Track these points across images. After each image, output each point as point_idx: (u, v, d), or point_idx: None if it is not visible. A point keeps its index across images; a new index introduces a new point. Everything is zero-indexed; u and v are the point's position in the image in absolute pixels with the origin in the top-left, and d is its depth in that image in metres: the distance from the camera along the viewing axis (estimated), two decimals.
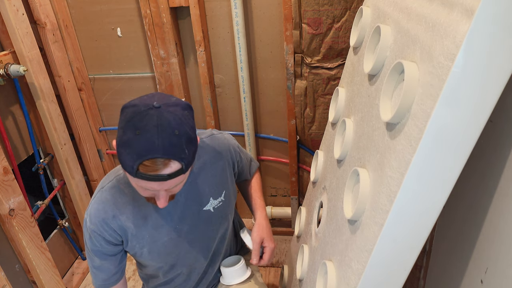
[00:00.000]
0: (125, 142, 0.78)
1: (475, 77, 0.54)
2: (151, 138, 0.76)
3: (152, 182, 0.80)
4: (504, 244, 0.72)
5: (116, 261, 1.05)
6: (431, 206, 0.64)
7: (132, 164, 0.77)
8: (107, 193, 0.99)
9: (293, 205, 1.97)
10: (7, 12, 1.48)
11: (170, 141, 0.77)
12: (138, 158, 0.76)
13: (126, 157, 0.78)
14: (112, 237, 1.00)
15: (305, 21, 1.51)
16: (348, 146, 0.95)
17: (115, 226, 0.98)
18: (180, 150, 0.79)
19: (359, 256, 0.73)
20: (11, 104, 1.66)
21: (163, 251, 1.05)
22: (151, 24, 1.67)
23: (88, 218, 0.99)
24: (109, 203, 0.98)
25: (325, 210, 1.05)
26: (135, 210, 0.99)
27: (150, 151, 0.76)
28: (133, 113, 0.79)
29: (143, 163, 0.77)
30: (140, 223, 1.00)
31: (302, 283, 1.15)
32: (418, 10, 0.71)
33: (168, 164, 0.78)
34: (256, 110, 1.85)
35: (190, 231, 1.06)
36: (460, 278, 0.90)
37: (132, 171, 0.78)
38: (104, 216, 0.97)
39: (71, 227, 2.09)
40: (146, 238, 1.02)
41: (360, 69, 1.01)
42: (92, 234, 0.99)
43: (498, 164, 0.75)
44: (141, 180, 0.80)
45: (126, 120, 0.79)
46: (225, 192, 1.11)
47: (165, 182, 0.81)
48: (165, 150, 0.77)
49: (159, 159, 0.77)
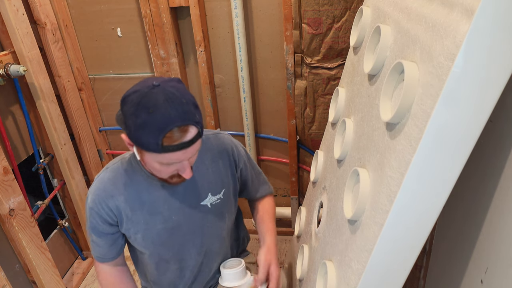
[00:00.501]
0: (141, 124, 0.82)
1: (475, 77, 0.54)
2: (166, 111, 0.81)
3: (178, 152, 0.85)
4: (504, 244, 0.72)
5: (110, 240, 1.06)
6: (431, 206, 0.64)
7: (156, 141, 0.82)
8: (109, 173, 1.03)
9: (293, 205, 1.97)
10: (7, 12, 1.48)
11: (182, 109, 0.83)
12: (160, 133, 0.81)
13: (148, 137, 0.82)
14: (108, 216, 1.02)
15: (305, 21, 1.51)
16: (348, 146, 0.95)
17: (112, 206, 1.01)
18: (193, 115, 0.85)
19: (359, 256, 0.73)
20: (11, 104, 1.66)
21: (157, 240, 1.07)
22: (151, 24, 1.67)
23: (90, 196, 1.03)
24: (110, 183, 1.02)
25: (325, 210, 1.05)
26: (134, 194, 1.02)
27: (169, 123, 0.81)
28: (139, 97, 0.83)
29: (166, 135, 0.82)
30: (136, 207, 1.02)
31: (302, 283, 1.15)
32: (418, 10, 0.71)
33: (188, 130, 0.84)
34: (256, 110, 1.85)
35: (185, 223, 1.07)
36: (460, 278, 0.90)
37: (157, 148, 0.82)
38: (103, 195, 1.01)
39: (71, 227, 2.09)
40: (141, 223, 1.04)
41: (360, 69, 1.01)
42: (90, 211, 1.02)
43: (498, 164, 0.75)
44: (167, 155, 0.84)
45: (135, 105, 0.83)
46: (225, 190, 1.11)
47: (188, 149, 0.86)
48: (182, 118, 0.82)
49: (179, 128, 0.83)
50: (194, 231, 1.09)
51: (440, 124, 0.57)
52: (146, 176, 1.02)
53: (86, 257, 2.16)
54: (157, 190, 1.03)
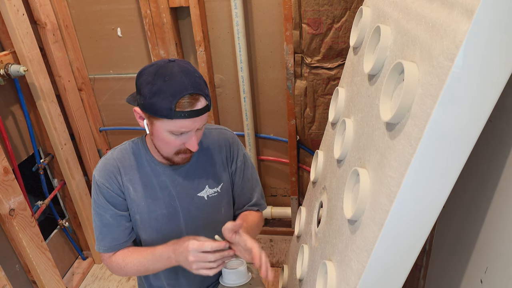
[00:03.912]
0: (157, 91, 0.89)
1: (475, 77, 0.54)
2: (180, 79, 0.89)
3: (187, 120, 0.91)
4: (504, 244, 0.72)
5: (122, 220, 1.06)
6: (431, 206, 0.64)
7: (169, 106, 0.88)
8: (116, 153, 1.07)
9: (293, 205, 1.97)
10: (7, 12, 1.48)
11: (195, 80, 0.91)
12: (174, 98, 0.88)
13: (162, 102, 0.88)
14: (118, 190, 1.05)
15: (305, 21, 1.51)
16: (348, 146, 0.96)
17: (120, 181, 1.05)
18: (204, 87, 0.93)
19: (359, 256, 0.73)
20: (12, 104, 1.67)
21: (154, 225, 1.08)
22: (151, 24, 1.67)
23: (97, 173, 1.05)
24: (117, 161, 1.06)
25: (325, 210, 1.05)
26: (137, 176, 1.06)
27: (182, 90, 0.88)
28: (156, 68, 0.91)
29: (179, 101, 0.88)
30: (138, 189, 1.06)
31: (302, 283, 1.15)
32: (418, 10, 0.71)
33: (199, 99, 0.91)
34: (256, 110, 1.85)
35: (181, 212, 1.09)
36: (460, 278, 0.90)
37: (170, 113, 0.89)
38: (112, 169, 1.05)
39: (71, 227, 2.09)
40: (142, 206, 1.07)
41: (360, 69, 1.01)
42: (101, 186, 1.04)
43: (498, 164, 0.75)
44: (178, 121, 0.90)
45: (151, 75, 0.90)
46: (223, 185, 1.13)
47: (197, 119, 0.92)
48: (194, 87, 0.90)
49: (191, 96, 0.89)
50: (189, 221, 1.11)
51: (440, 124, 0.57)
52: (151, 161, 1.06)
53: (86, 257, 2.16)
54: (158, 176, 1.06)
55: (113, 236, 1.06)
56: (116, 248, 1.07)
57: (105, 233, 1.06)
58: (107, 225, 1.05)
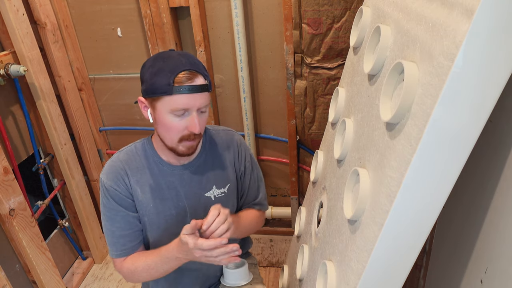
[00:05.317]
0: (156, 71, 0.92)
1: (475, 77, 0.54)
2: (178, 59, 0.93)
3: (187, 96, 0.92)
4: (504, 244, 0.72)
5: (134, 222, 1.06)
6: (431, 206, 0.64)
7: (167, 81, 0.90)
8: (122, 155, 1.07)
9: (293, 205, 1.97)
10: (7, 12, 1.48)
11: (193, 60, 0.95)
12: (171, 74, 0.91)
13: (161, 79, 0.91)
14: (127, 191, 1.04)
15: (305, 21, 1.51)
16: (348, 146, 0.96)
17: (127, 183, 1.05)
18: (203, 68, 0.95)
19: (359, 256, 0.73)
20: (11, 104, 1.67)
21: (163, 225, 1.08)
22: (151, 24, 1.67)
23: (104, 176, 1.04)
24: (123, 163, 1.05)
25: (325, 210, 1.05)
26: (145, 178, 1.05)
27: (179, 66, 0.92)
28: (157, 54, 0.97)
29: (177, 75, 0.91)
30: (146, 191, 1.05)
31: (302, 283, 1.15)
32: (418, 10, 0.71)
33: (197, 75, 0.93)
34: (256, 110, 1.85)
35: (189, 213, 1.09)
36: (460, 278, 0.90)
37: (169, 88, 0.90)
38: (119, 171, 1.04)
39: (71, 227, 2.09)
40: (150, 207, 1.06)
41: (360, 69, 1.01)
42: (110, 189, 1.03)
43: (498, 164, 0.75)
44: (177, 97, 0.91)
45: (152, 60, 0.96)
46: (230, 185, 1.13)
47: (197, 96, 0.93)
48: (192, 65, 0.93)
49: (188, 71, 0.92)
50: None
51: (440, 124, 0.57)
52: (158, 161, 1.06)
53: (86, 257, 2.16)
54: (166, 176, 1.06)
55: (125, 239, 1.05)
56: (128, 253, 1.06)
57: (117, 237, 1.05)
58: (119, 228, 1.05)
